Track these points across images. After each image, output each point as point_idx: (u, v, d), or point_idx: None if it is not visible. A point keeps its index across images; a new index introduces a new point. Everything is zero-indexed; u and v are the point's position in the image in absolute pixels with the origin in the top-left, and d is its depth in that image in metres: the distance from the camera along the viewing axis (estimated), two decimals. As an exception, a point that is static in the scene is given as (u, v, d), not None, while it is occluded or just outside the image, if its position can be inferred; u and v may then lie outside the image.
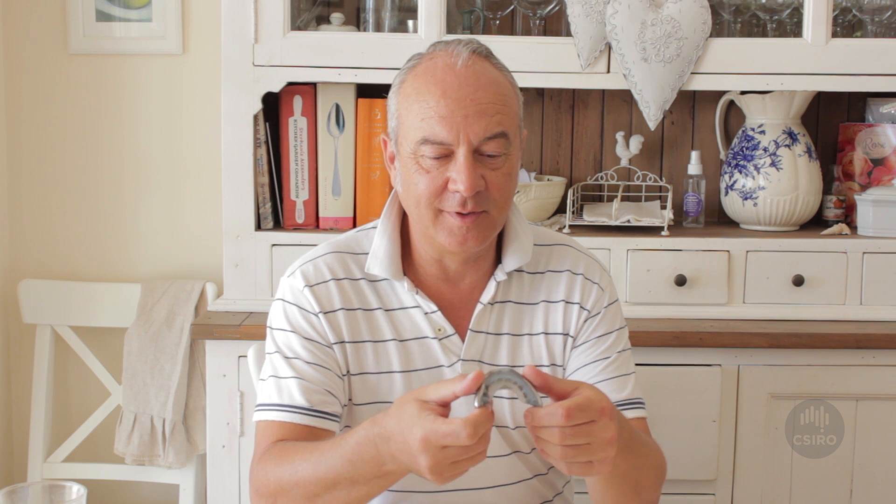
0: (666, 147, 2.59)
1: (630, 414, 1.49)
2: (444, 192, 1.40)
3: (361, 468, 1.26)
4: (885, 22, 2.39)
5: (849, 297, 2.29)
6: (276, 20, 2.21)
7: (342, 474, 1.28)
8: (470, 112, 1.38)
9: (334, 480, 1.29)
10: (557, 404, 1.17)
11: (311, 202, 2.34)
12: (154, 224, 2.64)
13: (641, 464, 1.39)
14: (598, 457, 1.19)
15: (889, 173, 2.46)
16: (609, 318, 1.55)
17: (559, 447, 1.17)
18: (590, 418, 1.17)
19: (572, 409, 1.16)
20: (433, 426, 1.16)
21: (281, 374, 1.45)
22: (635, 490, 1.40)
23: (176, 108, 2.60)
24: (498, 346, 1.51)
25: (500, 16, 2.43)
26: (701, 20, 2.23)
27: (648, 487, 1.43)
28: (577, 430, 1.16)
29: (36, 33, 2.58)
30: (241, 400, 2.20)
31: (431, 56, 1.43)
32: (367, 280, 1.51)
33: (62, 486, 1.19)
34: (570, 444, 1.17)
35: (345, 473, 1.28)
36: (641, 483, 1.41)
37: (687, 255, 2.28)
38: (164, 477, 2.53)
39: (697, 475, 2.20)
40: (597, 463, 1.19)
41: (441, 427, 1.16)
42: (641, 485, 1.41)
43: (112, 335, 2.59)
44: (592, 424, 1.17)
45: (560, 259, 1.56)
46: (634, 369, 1.55)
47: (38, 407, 2.55)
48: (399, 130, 1.45)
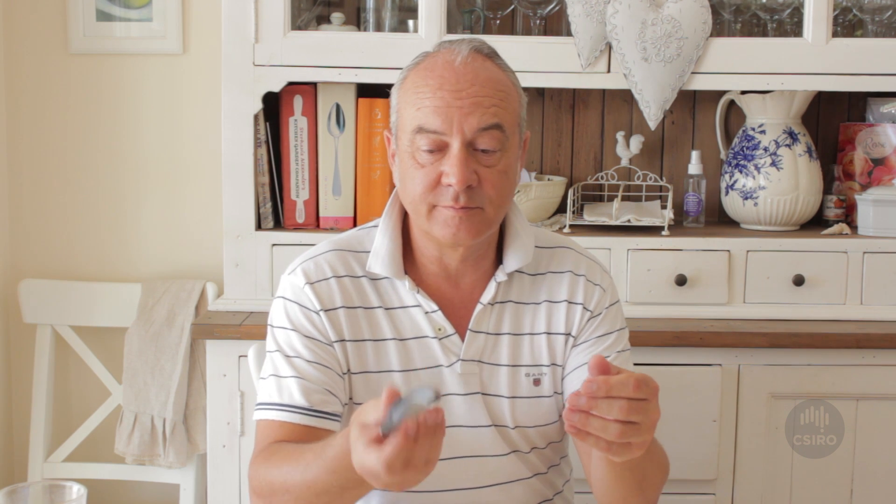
0: (666, 147, 2.59)
1: None
2: (438, 187, 1.40)
3: (345, 475, 1.24)
4: (886, 22, 2.38)
5: (849, 296, 2.29)
6: (276, 20, 2.21)
7: (330, 483, 1.28)
8: (465, 104, 1.38)
9: (324, 489, 1.29)
10: (627, 374, 1.15)
11: (311, 202, 2.34)
12: (154, 224, 2.64)
13: (650, 459, 1.39)
14: (643, 438, 1.17)
15: (889, 173, 2.46)
16: (610, 319, 1.55)
17: (618, 425, 1.14)
18: (647, 395, 1.16)
19: (640, 382, 1.15)
20: (359, 458, 1.13)
21: (281, 372, 1.45)
22: (641, 486, 1.40)
23: (176, 108, 2.61)
24: (498, 346, 1.51)
25: (501, 15, 2.43)
26: (701, 20, 2.23)
27: (653, 485, 1.43)
28: (637, 406, 1.14)
29: (36, 33, 2.58)
30: (241, 400, 2.20)
31: (434, 54, 1.45)
32: (369, 278, 1.51)
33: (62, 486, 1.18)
34: (632, 419, 1.14)
35: (332, 482, 1.27)
36: (647, 479, 1.41)
37: (687, 254, 2.28)
38: (164, 477, 2.53)
39: (697, 475, 2.20)
40: (636, 446, 1.17)
41: (364, 459, 1.12)
42: (647, 481, 1.41)
43: (112, 335, 2.60)
44: (647, 403, 1.16)
45: (561, 261, 1.56)
46: (633, 370, 1.55)
47: (39, 407, 2.55)
48: (398, 124, 1.46)
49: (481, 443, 1.50)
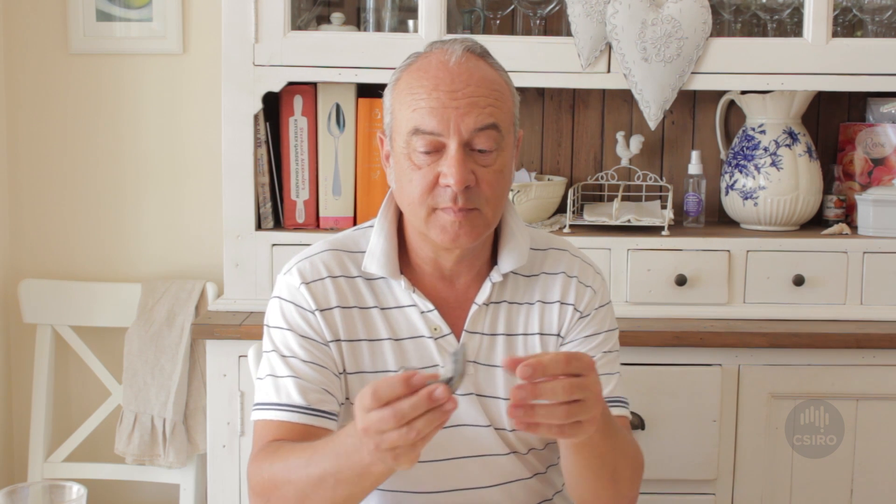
0: (666, 147, 2.59)
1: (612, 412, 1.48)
2: (436, 188, 1.40)
3: (346, 461, 1.25)
4: (886, 22, 2.38)
5: (849, 296, 2.29)
6: (276, 20, 2.21)
7: (328, 470, 1.27)
8: (461, 105, 1.38)
9: (321, 477, 1.28)
10: (555, 353, 1.18)
11: (311, 202, 2.34)
12: (154, 224, 2.64)
13: (619, 449, 1.39)
14: (590, 414, 1.19)
15: (889, 173, 2.46)
16: (598, 320, 1.55)
17: (563, 407, 1.16)
18: (581, 370, 1.18)
19: (570, 357, 1.17)
20: (357, 403, 1.17)
21: (278, 372, 1.45)
22: (613, 478, 1.40)
23: (176, 108, 2.61)
24: (493, 347, 1.51)
25: (501, 15, 2.43)
26: (701, 20, 2.23)
27: (625, 478, 1.43)
28: (577, 383, 1.16)
29: (36, 33, 2.58)
30: (241, 400, 2.20)
31: (427, 55, 1.45)
32: (364, 278, 1.51)
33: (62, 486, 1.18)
34: (573, 398, 1.16)
35: (331, 469, 1.27)
36: (619, 472, 1.40)
37: (687, 254, 2.28)
38: (164, 477, 2.53)
39: (697, 475, 2.20)
40: (586, 423, 1.19)
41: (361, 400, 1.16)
42: (619, 473, 1.41)
43: (112, 335, 2.60)
44: (586, 378, 1.18)
45: (555, 262, 1.56)
46: (619, 370, 1.55)
47: (39, 407, 2.55)
48: (392, 126, 1.45)
49: (481, 443, 1.50)
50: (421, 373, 1.15)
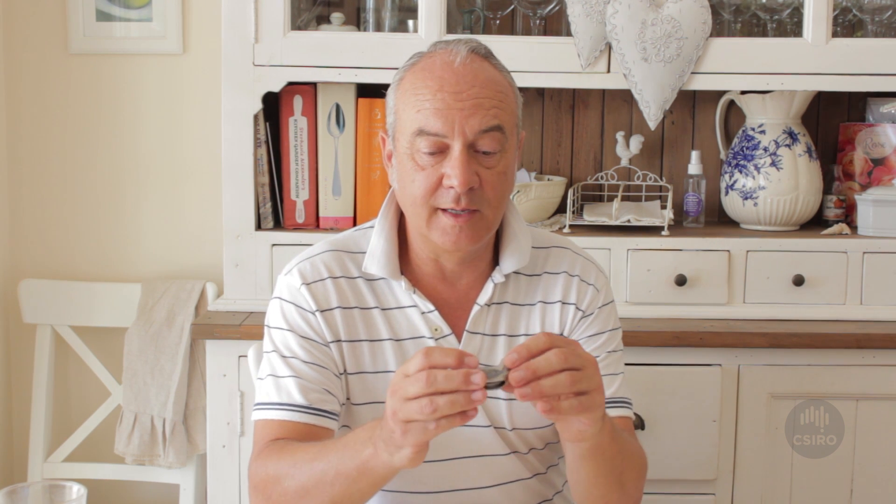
0: (666, 147, 2.59)
1: (615, 412, 1.49)
2: (439, 189, 1.40)
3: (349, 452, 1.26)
4: (886, 22, 2.38)
5: (849, 296, 2.29)
6: (276, 20, 2.21)
7: (331, 462, 1.28)
8: (466, 106, 1.38)
9: (323, 470, 1.29)
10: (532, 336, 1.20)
11: (311, 202, 2.34)
12: (154, 224, 2.64)
13: (625, 452, 1.39)
14: (594, 382, 1.20)
15: (889, 173, 2.46)
16: (602, 319, 1.55)
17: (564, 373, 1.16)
18: (565, 345, 1.19)
19: (548, 335, 1.19)
20: (404, 366, 1.19)
21: (279, 373, 1.45)
22: (619, 480, 1.40)
23: (176, 108, 2.61)
24: (494, 348, 1.51)
25: (501, 15, 2.43)
26: (701, 20, 2.23)
27: (632, 479, 1.43)
28: (567, 352, 1.18)
29: (36, 33, 2.58)
30: (241, 400, 2.20)
31: (431, 55, 1.44)
32: (365, 279, 1.51)
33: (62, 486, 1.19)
34: (570, 366, 1.17)
35: (333, 461, 1.28)
36: (625, 473, 1.41)
37: (687, 254, 2.28)
38: (164, 477, 2.53)
39: (697, 475, 2.20)
40: (594, 392, 1.20)
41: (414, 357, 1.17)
42: (625, 475, 1.41)
43: (112, 335, 2.60)
44: (573, 348, 1.19)
45: (557, 261, 1.56)
46: (624, 370, 1.55)
47: (39, 407, 2.55)
48: (396, 126, 1.45)
49: (481, 443, 1.50)
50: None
